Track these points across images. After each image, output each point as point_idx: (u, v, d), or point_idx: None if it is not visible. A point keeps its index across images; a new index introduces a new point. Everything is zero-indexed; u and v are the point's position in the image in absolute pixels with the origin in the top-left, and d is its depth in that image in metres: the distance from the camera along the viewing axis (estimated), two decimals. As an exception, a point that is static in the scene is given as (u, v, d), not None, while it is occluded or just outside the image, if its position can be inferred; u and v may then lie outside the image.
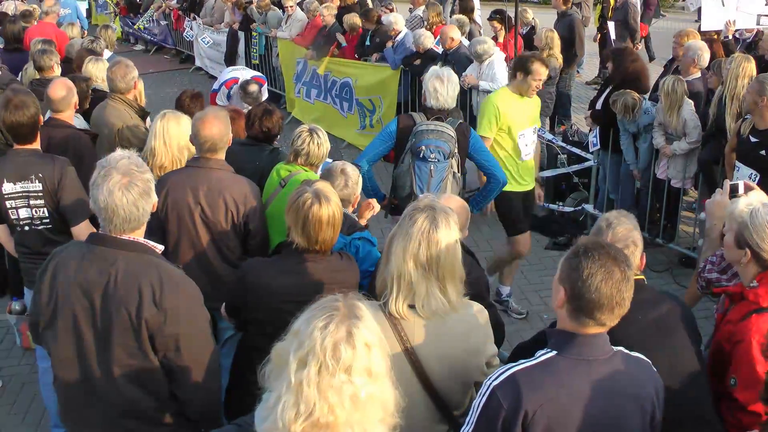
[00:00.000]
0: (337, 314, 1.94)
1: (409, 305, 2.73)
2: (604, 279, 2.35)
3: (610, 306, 2.36)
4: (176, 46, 16.84)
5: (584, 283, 2.36)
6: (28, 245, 4.43)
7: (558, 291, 2.46)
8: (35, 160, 4.35)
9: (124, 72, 5.77)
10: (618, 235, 3.07)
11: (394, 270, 2.72)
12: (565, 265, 2.45)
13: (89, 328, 2.85)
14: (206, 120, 4.09)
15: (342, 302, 1.98)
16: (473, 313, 2.88)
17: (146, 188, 2.86)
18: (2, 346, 6.05)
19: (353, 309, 1.98)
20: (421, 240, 2.68)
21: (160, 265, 2.88)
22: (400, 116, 5.45)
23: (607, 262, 2.37)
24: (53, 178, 4.28)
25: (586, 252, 2.40)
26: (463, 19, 9.72)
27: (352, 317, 1.95)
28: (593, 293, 2.35)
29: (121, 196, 2.78)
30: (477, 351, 2.87)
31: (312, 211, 3.28)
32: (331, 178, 4.16)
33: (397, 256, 2.71)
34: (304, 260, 3.38)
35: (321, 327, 1.90)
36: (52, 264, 2.96)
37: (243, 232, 4.16)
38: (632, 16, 11.92)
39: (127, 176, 2.80)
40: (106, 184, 2.78)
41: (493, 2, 20.47)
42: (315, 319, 1.93)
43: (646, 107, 7.06)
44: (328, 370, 1.87)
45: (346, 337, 1.90)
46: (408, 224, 2.72)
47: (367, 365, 1.92)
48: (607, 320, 2.40)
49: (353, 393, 1.89)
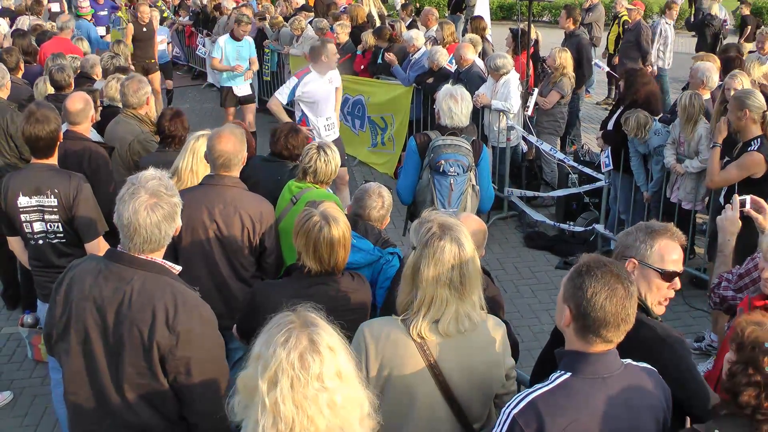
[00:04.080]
0: (294, 326, 1.96)
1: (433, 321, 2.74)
2: (608, 297, 2.36)
3: (615, 323, 2.38)
4: (188, 62, 16.97)
5: (589, 302, 2.37)
6: (42, 259, 4.47)
7: (563, 311, 2.47)
8: (51, 175, 4.40)
9: (137, 87, 5.85)
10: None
11: (425, 296, 2.72)
12: (569, 285, 2.47)
13: (101, 344, 2.85)
14: (222, 136, 4.11)
15: (294, 315, 2.01)
16: (492, 325, 2.90)
17: (172, 212, 2.86)
18: (14, 358, 6.07)
19: (308, 318, 2.00)
20: (454, 264, 2.71)
21: (175, 287, 2.87)
22: (416, 135, 5.50)
23: (611, 279, 2.39)
24: (69, 193, 4.32)
25: (589, 270, 2.42)
26: (476, 38, 9.77)
27: (310, 325, 1.97)
28: (598, 311, 2.36)
29: (146, 216, 2.78)
30: (497, 363, 2.89)
31: (322, 234, 3.27)
32: (368, 200, 4.20)
33: (430, 283, 2.71)
34: (315, 283, 3.36)
35: (282, 342, 1.92)
36: (68, 277, 2.96)
37: (258, 250, 4.17)
38: (645, 37, 11.93)
39: (154, 197, 2.80)
40: (132, 202, 2.78)
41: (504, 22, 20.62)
42: (274, 337, 1.94)
43: (656, 128, 7.05)
44: (300, 382, 1.88)
45: (310, 346, 1.92)
46: (437, 251, 2.71)
47: (337, 368, 1.94)
48: (613, 337, 2.42)
49: (329, 399, 1.90)
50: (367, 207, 4.22)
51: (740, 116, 5.77)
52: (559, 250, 8.09)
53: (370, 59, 10.55)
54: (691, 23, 15.49)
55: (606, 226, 7.97)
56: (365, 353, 2.76)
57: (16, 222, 4.40)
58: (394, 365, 2.74)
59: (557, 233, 8.42)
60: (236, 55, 10.47)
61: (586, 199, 8.41)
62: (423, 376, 2.74)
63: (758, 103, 5.76)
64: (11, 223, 4.45)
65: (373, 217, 4.23)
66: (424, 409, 2.78)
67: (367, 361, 2.75)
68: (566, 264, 7.77)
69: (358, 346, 2.77)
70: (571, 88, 8.93)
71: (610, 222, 7.94)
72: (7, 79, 6.55)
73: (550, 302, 7.06)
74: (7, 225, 4.51)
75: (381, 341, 2.76)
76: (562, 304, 2.48)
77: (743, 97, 5.82)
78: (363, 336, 2.80)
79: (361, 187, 4.39)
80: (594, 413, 2.38)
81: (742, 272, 3.69)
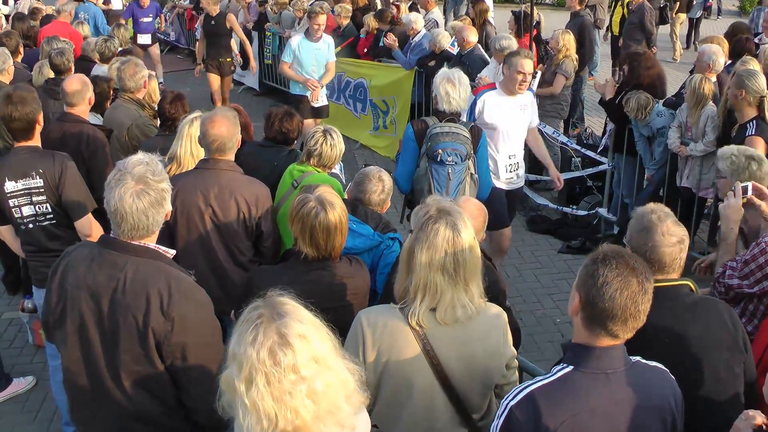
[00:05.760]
0: (262, 321, 1.92)
1: (431, 309, 2.71)
2: (619, 288, 2.27)
3: (623, 317, 2.28)
4: (189, 46, 16.86)
5: (598, 291, 2.28)
6: (34, 243, 4.44)
7: (574, 298, 2.40)
8: (35, 156, 4.36)
9: (133, 71, 5.79)
10: (671, 229, 2.96)
11: (419, 281, 2.68)
12: (583, 272, 2.39)
13: (96, 331, 2.83)
14: (215, 119, 4.05)
15: (263, 307, 1.97)
16: (492, 315, 2.86)
17: (159, 197, 2.80)
18: (15, 343, 6.06)
19: (276, 308, 1.97)
20: (447, 249, 2.65)
21: (170, 272, 2.84)
22: (413, 122, 5.42)
23: (625, 271, 2.30)
24: (54, 173, 4.29)
25: (605, 259, 2.33)
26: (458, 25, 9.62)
27: (277, 317, 1.93)
28: (606, 302, 2.27)
29: (132, 203, 2.73)
30: (496, 353, 2.85)
31: (318, 219, 3.23)
32: (369, 184, 4.17)
33: (423, 267, 2.66)
34: (312, 268, 3.32)
35: (251, 341, 1.89)
36: (62, 264, 2.94)
37: (255, 234, 4.13)
38: (648, 18, 11.81)
39: (140, 183, 2.75)
40: (118, 189, 2.74)
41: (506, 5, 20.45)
42: (243, 335, 1.92)
43: (659, 110, 6.99)
44: (275, 377, 1.86)
45: (279, 340, 1.89)
46: (430, 234, 2.66)
47: (311, 354, 1.91)
48: (619, 332, 2.32)
49: (309, 388, 1.88)
50: (368, 191, 4.18)
51: (737, 95, 5.83)
52: (561, 234, 8.05)
53: (371, 42, 10.47)
54: None
55: (609, 209, 7.93)
56: (362, 341, 2.73)
57: (6, 209, 4.36)
58: (391, 353, 2.71)
59: (560, 217, 8.37)
60: (313, 60, 8.56)
61: (589, 182, 8.36)
62: (420, 365, 2.71)
63: (756, 86, 5.76)
64: (1, 212, 4.41)
65: (373, 201, 4.19)
66: (421, 398, 2.76)
67: (365, 348, 2.73)
68: (569, 248, 7.74)
69: (356, 334, 2.75)
70: (574, 70, 8.84)
71: (613, 206, 7.90)
72: (9, 63, 6.50)
73: (552, 287, 7.04)
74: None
75: (378, 329, 2.73)
76: (574, 291, 2.40)
77: (744, 76, 5.85)
78: (360, 324, 2.77)
79: (361, 171, 4.35)
80: (593, 409, 2.30)
81: (747, 258, 3.62)
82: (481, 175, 5.21)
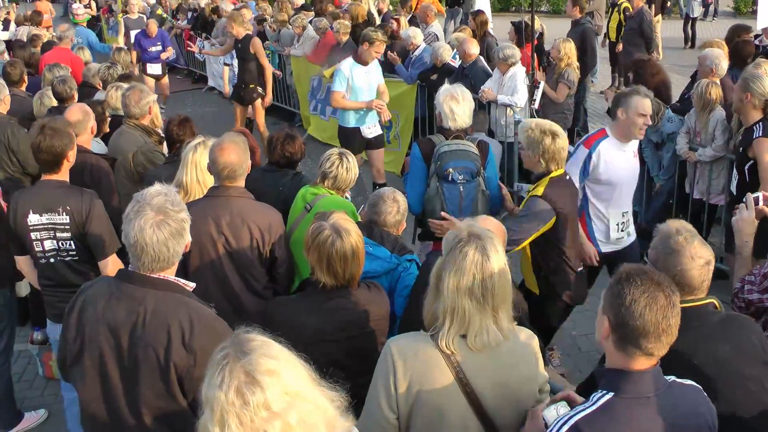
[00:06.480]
0: (227, 362, 1.88)
1: (461, 335, 2.66)
2: (648, 304, 2.27)
3: (656, 333, 2.27)
4: (188, 66, 16.87)
5: (627, 310, 2.28)
6: (53, 277, 4.38)
7: (602, 322, 2.38)
8: (63, 192, 4.30)
9: (139, 97, 5.75)
10: (699, 251, 2.93)
11: (447, 305, 2.63)
12: (608, 294, 2.39)
13: (116, 367, 2.78)
14: (224, 146, 3.99)
15: (229, 347, 1.92)
16: (523, 339, 2.81)
17: (180, 228, 2.78)
18: (25, 376, 5.99)
19: (241, 346, 1.91)
20: (476, 273, 2.60)
21: (190, 305, 2.80)
22: (419, 141, 5.35)
23: (651, 287, 2.30)
24: (81, 210, 4.23)
25: (628, 278, 2.33)
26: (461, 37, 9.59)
27: (242, 355, 1.88)
28: (637, 319, 2.27)
29: (152, 234, 2.70)
30: (529, 378, 2.80)
31: (335, 248, 3.17)
32: (383, 206, 4.13)
33: (451, 291, 2.62)
34: (331, 297, 3.26)
35: (218, 384, 1.85)
36: (80, 300, 2.89)
37: (269, 261, 4.07)
38: (647, 24, 11.80)
39: (160, 214, 2.72)
40: (137, 220, 2.70)
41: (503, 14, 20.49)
42: (211, 379, 1.88)
43: (669, 115, 6.95)
44: (247, 417, 1.81)
45: (246, 379, 1.84)
46: (459, 258, 2.62)
47: (282, 388, 1.85)
48: (654, 349, 2.31)
49: (284, 423, 1.83)
50: (382, 212, 4.14)
51: (742, 98, 5.80)
52: (571, 244, 7.95)
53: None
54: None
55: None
56: (393, 371, 2.67)
57: (26, 241, 4.30)
58: (423, 382, 2.65)
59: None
60: (366, 85, 7.91)
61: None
62: (453, 393, 2.65)
63: (762, 89, 5.71)
64: (21, 243, 4.36)
65: (388, 222, 4.14)
66: (455, 427, 2.69)
67: (396, 379, 2.66)
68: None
69: (386, 364, 2.69)
70: (577, 79, 8.81)
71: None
72: (4, 93, 6.43)
73: (565, 299, 6.95)
74: (17, 244, 4.42)
75: (410, 358, 2.67)
76: (601, 315, 2.39)
77: (749, 79, 5.82)
78: (390, 353, 2.70)
79: (375, 193, 4.32)
80: None
81: (766, 271, 3.57)
82: (492, 190, 5.16)
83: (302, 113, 12.37)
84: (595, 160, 5.03)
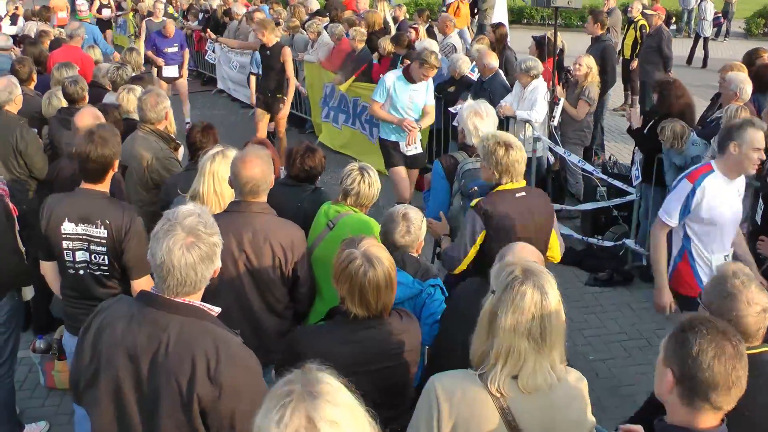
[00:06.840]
0: (291, 401, 1.75)
1: (512, 376, 2.52)
2: (716, 355, 2.17)
3: (726, 385, 2.16)
4: (197, 68, 16.74)
5: (695, 361, 2.17)
6: (79, 289, 4.18)
7: (664, 374, 2.26)
8: (103, 204, 4.10)
9: (155, 101, 5.57)
10: (756, 297, 2.82)
11: (502, 345, 2.50)
12: (670, 344, 2.27)
13: (134, 396, 2.60)
14: (247, 160, 3.79)
15: (296, 383, 1.79)
16: (573, 382, 2.66)
17: (210, 252, 2.61)
18: (26, 385, 5.80)
19: (309, 387, 1.78)
20: (535, 314, 2.48)
21: (217, 334, 2.62)
22: (441, 158, 5.23)
23: (717, 337, 2.20)
24: (120, 227, 4.03)
25: (693, 327, 2.23)
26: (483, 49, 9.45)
27: (309, 398, 1.75)
28: (706, 371, 2.16)
29: (181, 256, 2.53)
30: (579, 422, 2.65)
31: (368, 278, 2.98)
32: (391, 225, 3.94)
33: (508, 331, 2.48)
34: (362, 327, 3.07)
35: (277, 420, 1.72)
36: (97, 320, 2.71)
37: (291, 280, 3.89)
38: (666, 42, 11.67)
39: (191, 236, 2.55)
40: (167, 240, 2.53)
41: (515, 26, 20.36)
42: (269, 413, 1.75)
43: (693, 139, 6.80)
44: None
45: (307, 425, 1.71)
46: (516, 297, 2.49)
47: None
48: (723, 403, 2.19)
49: None
50: (390, 232, 3.97)
51: None
52: (588, 265, 7.81)
53: (387, 67, 10.28)
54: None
55: (636, 240, 7.70)
56: (437, 411, 2.52)
57: (56, 248, 4.11)
58: (470, 425, 2.51)
59: (585, 247, 8.14)
60: (408, 102, 7.50)
61: (615, 212, 8.14)
62: None
63: None
64: (50, 249, 4.17)
65: (398, 243, 3.95)
66: None
67: (440, 420, 2.52)
68: (596, 280, 7.52)
69: (429, 404, 2.54)
70: (596, 96, 8.66)
71: (640, 236, 7.67)
72: (16, 93, 6.25)
73: (582, 321, 6.81)
74: (45, 249, 4.23)
75: (456, 399, 2.52)
76: (662, 367, 2.26)
77: None
78: (435, 393, 2.55)
79: (388, 211, 4.14)
80: None
81: None
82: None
83: (314, 120, 12.22)
84: (699, 196, 4.62)
